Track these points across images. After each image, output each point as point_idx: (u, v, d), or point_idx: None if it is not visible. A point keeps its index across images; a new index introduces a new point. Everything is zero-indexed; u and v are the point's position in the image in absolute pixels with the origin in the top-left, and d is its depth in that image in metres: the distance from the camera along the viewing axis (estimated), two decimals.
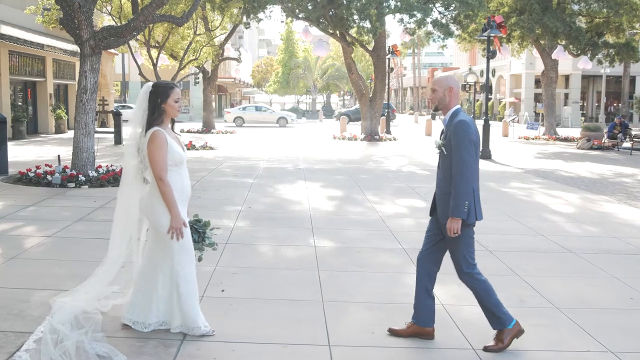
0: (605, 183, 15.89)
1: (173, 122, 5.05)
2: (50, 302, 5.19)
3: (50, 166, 13.39)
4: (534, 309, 5.95)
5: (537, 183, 15.32)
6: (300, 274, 6.88)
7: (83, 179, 12.54)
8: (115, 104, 42.97)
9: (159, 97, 4.79)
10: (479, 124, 26.82)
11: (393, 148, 26.32)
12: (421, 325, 5.13)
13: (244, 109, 53.81)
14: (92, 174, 12.90)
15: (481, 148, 21.94)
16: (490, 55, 22.65)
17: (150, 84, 4.90)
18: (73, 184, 12.36)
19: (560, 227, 9.92)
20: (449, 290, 6.42)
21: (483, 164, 19.53)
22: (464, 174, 4.68)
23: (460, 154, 4.69)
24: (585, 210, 11.52)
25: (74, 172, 12.84)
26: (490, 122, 22.77)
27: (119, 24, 19.34)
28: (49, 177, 12.55)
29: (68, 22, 13.28)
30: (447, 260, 7.63)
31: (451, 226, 4.80)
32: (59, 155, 13.66)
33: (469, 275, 5.04)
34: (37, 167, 13.39)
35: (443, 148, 4.87)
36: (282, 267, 7.14)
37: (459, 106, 4.95)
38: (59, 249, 7.50)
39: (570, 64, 53.12)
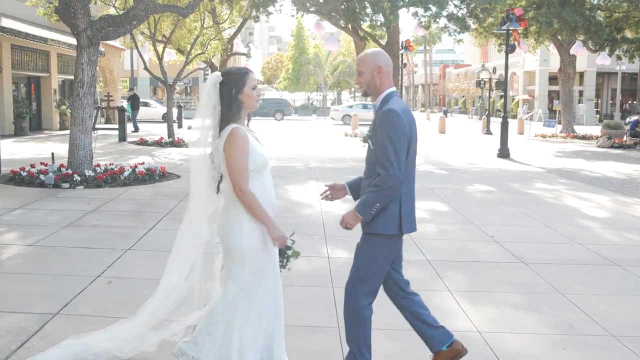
0: (634, 184, 14.93)
1: (249, 117, 4.07)
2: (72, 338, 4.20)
3: (46, 165, 12.58)
4: (586, 337, 5.05)
5: (563, 184, 14.38)
6: (313, 292, 6.02)
7: (78, 178, 11.71)
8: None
9: (233, 87, 3.82)
10: (496, 121, 25.82)
11: None
12: (440, 349, 4.17)
13: (350, 107, 52.20)
14: (89, 173, 12.07)
15: (499, 146, 21.06)
16: (509, 49, 21.68)
17: (218, 73, 3.89)
18: (67, 184, 11.52)
19: (597, 234, 9.00)
20: (484, 312, 5.54)
21: (502, 163, 18.64)
22: (387, 175, 3.75)
23: (385, 151, 3.76)
24: (621, 215, 10.59)
25: (69, 171, 12.01)
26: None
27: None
28: (42, 176, 11.72)
29: (64, 11, 12.45)
30: (475, 275, 6.82)
31: (347, 219, 3.91)
32: (52, 154, 12.84)
33: (353, 294, 4.08)
34: (32, 166, 12.60)
35: (369, 141, 3.95)
36: (293, 283, 6.23)
37: (392, 89, 4.00)
38: (39, 261, 6.64)
39: (585, 60, 51.97)
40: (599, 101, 65.40)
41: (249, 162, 3.76)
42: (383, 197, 3.79)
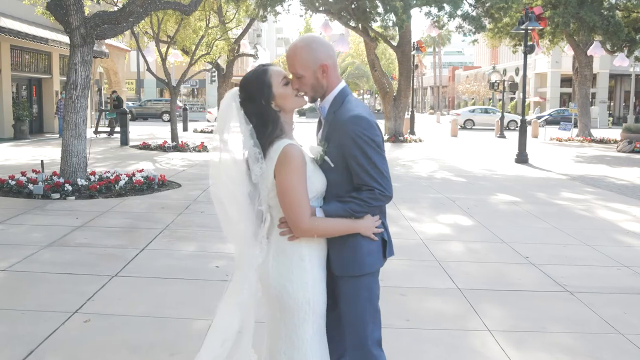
0: None
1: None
2: None
3: (38, 172, 11.70)
4: None
5: (591, 193, 13.40)
6: None
7: (70, 188, 10.79)
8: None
9: (260, 98, 2.86)
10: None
11: (420, 150, 24.45)
12: None
13: (472, 111, 50.24)
14: (82, 182, 11.16)
15: (517, 151, 20.09)
16: (528, 50, 20.68)
17: (234, 89, 2.96)
18: (58, 195, 10.60)
19: None
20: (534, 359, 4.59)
21: (522, 170, 17.70)
22: (381, 196, 2.90)
23: (365, 172, 2.86)
24: None
25: (60, 180, 11.11)
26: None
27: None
28: (31, 185, 10.81)
29: (56, 8, 11.58)
30: (517, 309, 5.55)
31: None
32: (42, 161, 11.93)
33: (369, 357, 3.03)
34: (23, 174, 11.72)
35: (327, 158, 2.94)
36: None
37: (342, 84, 3.03)
38: (9, 292, 5.68)
39: (598, 62, 50.92)
40: (612, 103, 64.30)
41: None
42: (366, 213, 2.93)
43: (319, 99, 3.04)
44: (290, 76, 2.98)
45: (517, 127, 45.70)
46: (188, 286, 5.98)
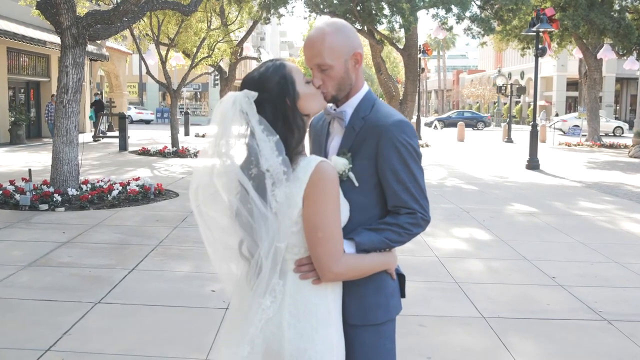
0: None
1: None
2: None
3: (28, 180, 11.05)
4: None
5: (610, 202, 12.72)
6: None
7: (59, 199, 10.14)
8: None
9: (285, 95, 2.16)
10: (515, 128, 23.85)
11: (427, 155, 23.77)
12: None
13: (578, 117, 48.45)
14: (72, 192, 10.51)
15: (528, 157, 19.46)
16: (540, 52, 20.02)
17: (240, 93, 2.16)
18: (46, 206, 9.94)
19: None
20: None
21: (534, 176, 17.06)
22: (422, 221, 2.33)
23: (406, 189, 2.29)
24: None
25: (50, 190, 10.46)
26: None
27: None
28: (18, 196, 10.16)
29: (46, 7, 10.96)
30: (550, 341, 5.27)
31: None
32: (30, 170, 11.28)
33: None
34: (11, 182, 11.08)
35: (352, 175, 2.31)
36: None
37: (367, 85, 2.49)
38: None
39: (605, 65, 50.14)
40: (618, 107, 63.62)
41: None
42: (403, 243, 2.34)
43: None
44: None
45: (622, 133, 44.59)
46: (179, 315, 5.31)
